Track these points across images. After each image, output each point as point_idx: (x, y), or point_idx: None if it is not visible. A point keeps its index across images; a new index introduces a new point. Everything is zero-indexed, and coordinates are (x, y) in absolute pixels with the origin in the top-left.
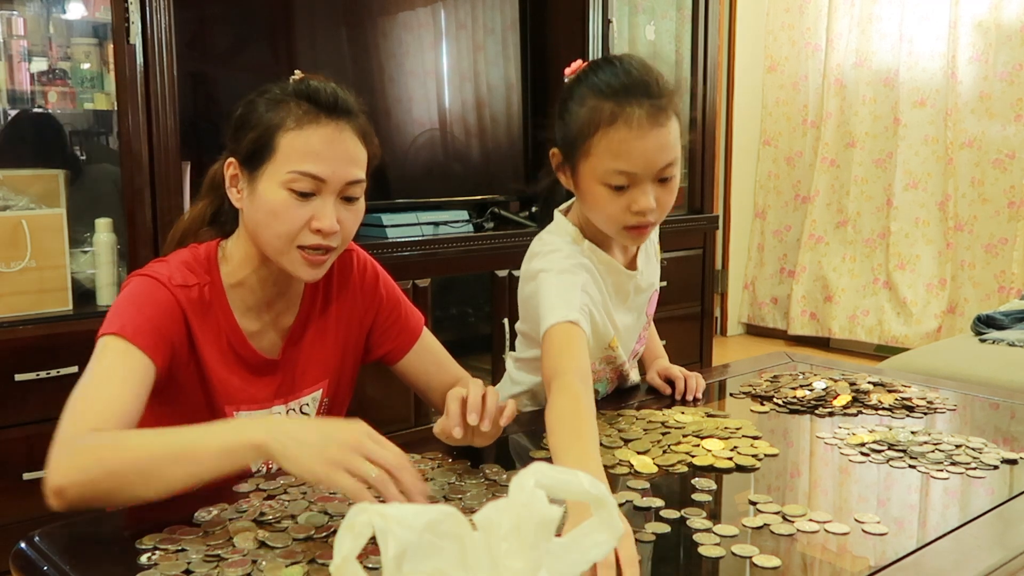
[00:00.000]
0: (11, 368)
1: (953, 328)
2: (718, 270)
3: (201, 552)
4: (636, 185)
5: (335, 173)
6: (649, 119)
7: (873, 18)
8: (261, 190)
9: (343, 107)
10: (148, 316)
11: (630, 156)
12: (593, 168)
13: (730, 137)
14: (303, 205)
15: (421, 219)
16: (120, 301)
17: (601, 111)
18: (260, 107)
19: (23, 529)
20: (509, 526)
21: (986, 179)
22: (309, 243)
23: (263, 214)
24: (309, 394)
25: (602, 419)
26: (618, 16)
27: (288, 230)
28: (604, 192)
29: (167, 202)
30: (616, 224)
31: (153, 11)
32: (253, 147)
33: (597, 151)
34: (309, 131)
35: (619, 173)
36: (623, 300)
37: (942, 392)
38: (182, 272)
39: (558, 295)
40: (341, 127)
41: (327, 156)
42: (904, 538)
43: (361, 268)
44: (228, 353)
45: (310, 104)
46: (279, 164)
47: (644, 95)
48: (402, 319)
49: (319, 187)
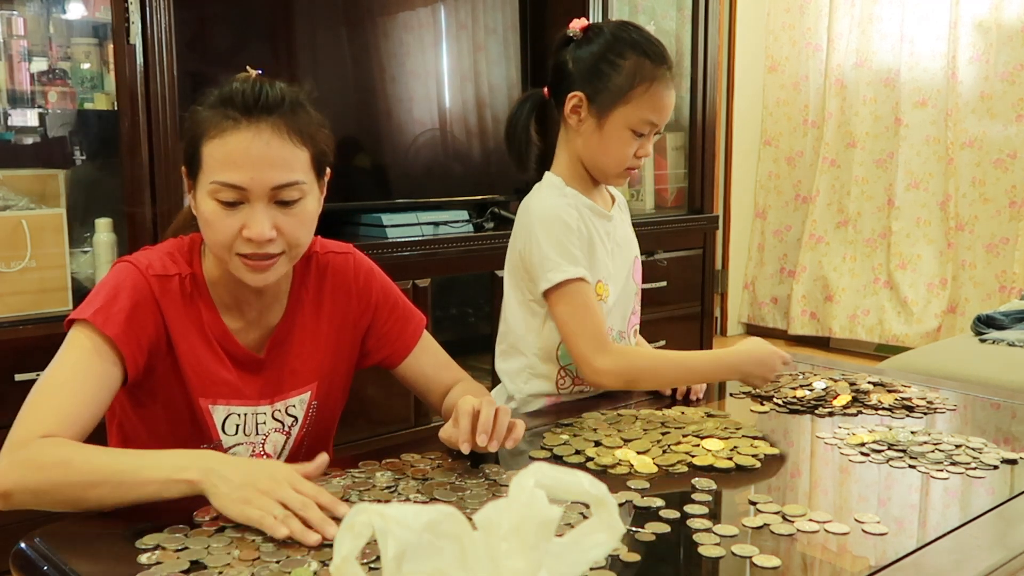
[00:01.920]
0: (11, 368)
1: (954, 328)
2: (718, 270)
3: (203, 552)
4: (648, 135)
5: (255, 180)
6: (672, 82)
7: (874, 18)
8: (198, 200)
9: (265, 106)
10: (122, 305)
11: (662, 110)
12: (628, 115)
13: (730, 137)
14: (233, 214)
15: (421, 219)
16: (100, 286)
17: (645, 68)
18: (196, 114)
19: (23, 529)
20: (509, 526)
21: (987, 179)
22: (244, 251)
23: (201, 223)
24: (296, 396)
25: (602, 419)
26: (618, 16)
27: (222, 239)
28: (629, 137)
29: (167, 202)
30: (620, 165)
31: (153, 11)
32: (187, 158)
33: (636, 101)
34: (227, 138)
35: (648, 123)
36: (604, 242)
37: (942, 392)
38: (163, 262)
39: (558, 251)
40: (261, 129)
41: (244, 163)
42: (904, 538)
43: (356, 272)
44: (214, 345)
45: (228, 108)
46: (205, 175)
47: (669, 61)
48: (400, 322)
49: (243, 195)
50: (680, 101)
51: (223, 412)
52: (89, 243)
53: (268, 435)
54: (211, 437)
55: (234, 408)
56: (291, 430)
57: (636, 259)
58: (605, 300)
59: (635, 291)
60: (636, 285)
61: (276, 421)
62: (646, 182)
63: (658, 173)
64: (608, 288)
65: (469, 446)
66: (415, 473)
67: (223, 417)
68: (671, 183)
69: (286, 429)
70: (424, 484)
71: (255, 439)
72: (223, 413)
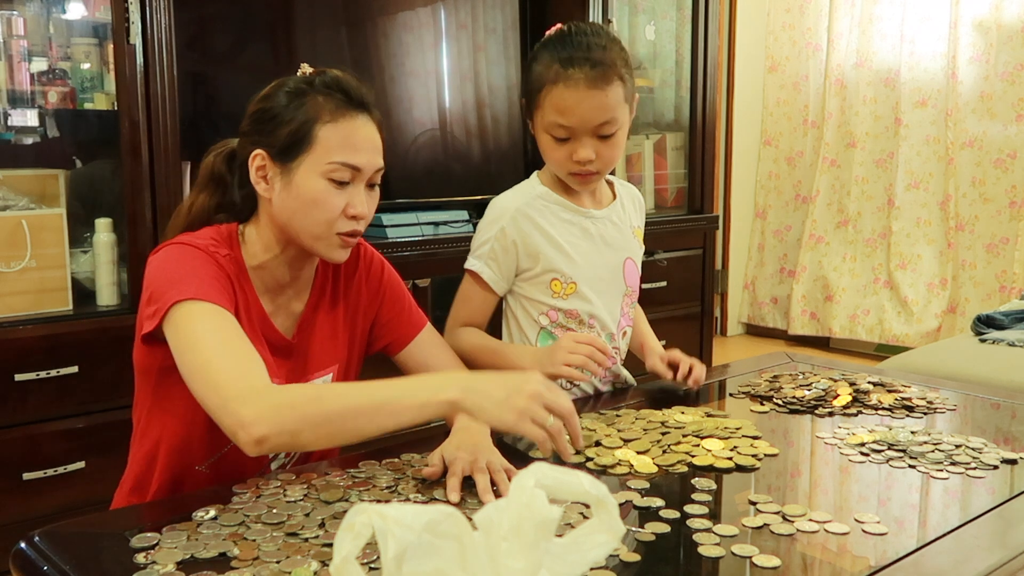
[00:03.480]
0: (11, 368)
1: (954, 328)
2: (718, 270)
3: (202, 552)
4: (576, 138)
5: (369, 162)
6: (588, 82)
7: (874, 18)
8: (299, 180)
9: (367, 101)
10: (210, 278)
11: (568, 113)
12: (541, 119)
13: (730, 137)
14: (340, 193)
15: (421, 219)
16: (171, 271)
17: (549, 70)
18: (286, 101)
19: (23, 529)
20: (509, 526)
21: (987, 179)
22: (345, 229)
23: (301, 203)
24: (320, 377)
25: (602, 419)
26: (618, 16)
27: (328, 217)
28: (549, 140)
29: (167, 202)
30: (562, 169)
31: (153, 11)
32: (290, 140)
33: (544, 105)
34: (343, 123)
35: (559, 126)
36: (585, 237)
37: (942, 392)
38: (216, 244)
39: (476, 242)
40: (366, 119)
41: (362, 147)
42: (904, 538)
43: (368, 260)
44: (256, 328)
45: (342, 97)
46: (318, 155)
47: (586, 61)
48: (406, 311)
49: (354, 176)
50: (680, 101)
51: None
52: (89, 243)
53: None
54: None
55: None
56: None
57: (629, 261)
58: (563, 296)
59: (625, 292)
60: (628, 287)
61: None
62: (646, 182)
63: (658, 173)
64: (575, 285)
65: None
66: (415, 473)
67: None
68: (671, 183)
69: None
70: (424, 484)
71: None
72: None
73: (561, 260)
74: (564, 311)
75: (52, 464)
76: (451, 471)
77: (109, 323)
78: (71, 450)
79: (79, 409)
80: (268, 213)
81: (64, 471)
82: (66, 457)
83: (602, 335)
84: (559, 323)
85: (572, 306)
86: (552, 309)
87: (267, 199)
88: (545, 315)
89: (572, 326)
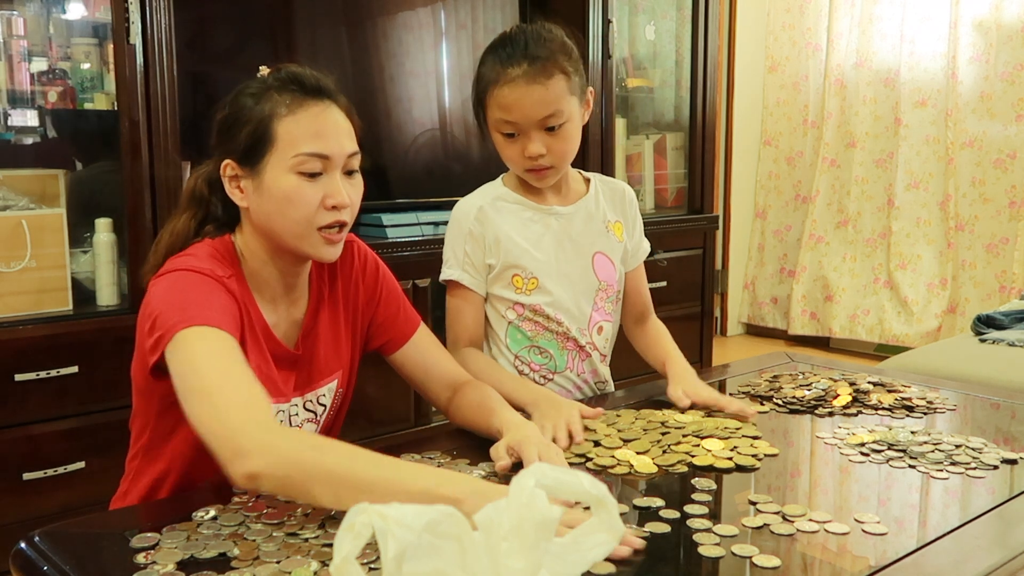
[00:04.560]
0: (11, 368)
1: (953, 328)
2: (718, 270)
3: (202, 552)
4: (524, 134)
5: (337, 148)
6: (526, 78)
7: (874, 18)
8: (269, 181)
9: (325, 88)
10: (217, 305)
11: (511, 109)
12: (489, 119)
13: (730, 137)
14: (313, 185)
15: (421, 219)
16: (175, 298)
17: (491, 70)
18: (246, 102)
19: (23, 529)
20: (509, 526)
21: (987, 179)
22: (326, 222)
23: (276, 203)
24: (325, 385)
25: (602, 419)
26: (618, 16)
27: (306, 213)
28: (500, 139)
29: (167, 202)
30: (518, 167)
31: (153, 11)
32: (250, 141)
33: (489, 105)
34: (302, 114)
35: (505, 123)
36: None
37: (942, 392)
38: (219, 265)
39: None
40: (328, 105)
41: (327, 134)
42: (904, 538)
43: (362, 259)
44: (262, 345)
45: (297, 88)
46: (282, 151)
47: (523, 58)
48: (402, 311)
49: (326, 165)
50: (680, 101)
51: (274, 411)
52: (89, 243)
53: (302, 426)
54: None
55: (280, 406)
56: (321, 418)
57: (600, 255)
58: (526, 292)
59: (598, 287)
60: (602, 282)
61: (308, 411)
62: (646, 182)
63: (658, 173)
64: (536, 280)
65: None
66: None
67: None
68: (671, 183)
69: (317, 418)
70: None
71: None
72: (274, 412)
73: (520, 256)
74: (528, 306)
75: (52, 464)
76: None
77: (109, 323)
78: (71, 450)
79: (79, 409)
80: (250, 223)
81: (64, 471)
82: (66, 457)
83: (571, 330)
84: (526, 317)
85: (535, 301)
86: (517, 304)
87: (245, 208)
88: (511, 309)
89: (539, 320)
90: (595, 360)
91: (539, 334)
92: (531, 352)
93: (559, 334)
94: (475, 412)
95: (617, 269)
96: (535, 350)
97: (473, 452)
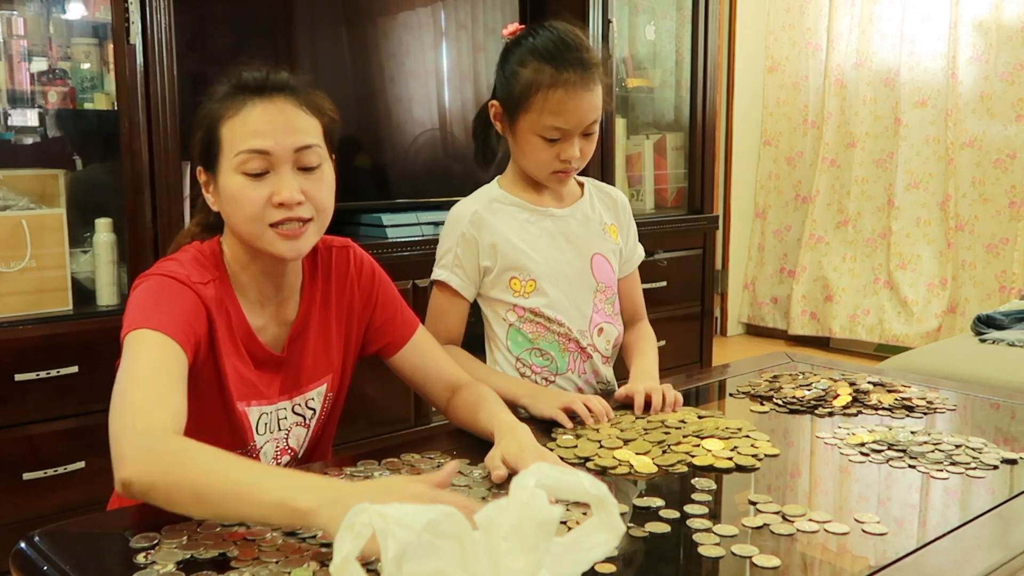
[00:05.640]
0: (11, 368)
1: (953, 328)
2: (718, 270)
3: (201, 552)
4: (566, 139)
5: (279, 143)
6: (582, 83)
7: (874, 18)
8: (222, 184)
9: (274, 85)
10: (177, 312)
11: (565, 115)
12: (532, 122)
13: (730, 137)
14: (259, 185)
15: (421, 219)
16: (142, 300)
17: (542, 74)
18: (202, 108)
19: (23, 529)
20: (509, 526)
21: (987, 179)
22: (276, 219)
23: (228, 204)
24: (314, 389)
25: None
26: (618, 16)
27: (251, 212)
28: (539, 142)
29: (167, 202)
30: (545, 169)
31: (153, 11)
32: (203, 146)
33: (537, 108)
34: (243, 113)
35: (554, 128)
36: (544, 235)
37: (942, 392)
38: (198, 270)
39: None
40: (274, 100)
41: (266, 130)
42: (904, 538)
43: (358, 264)
44: (241, 348)
45: (239, 90)
46: (228, 152)
47: (579, 63)
48: (399, 314)
49: (269, 162)
50: (680, 101)
51: (256, 413)
52: (89, 243)
53: (290, 429)
54: (246, 440)
55: (264, 408)
56: (310, 422)
57: (598, 256)
58: (524, 295)
59: (597, 288)
60: (600, 283)
61: (296, 415)
62: (646, 182)
63: (658, 173)
64: (534, 282)
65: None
66: (414, 473)
67: (256, 418)
68: (671, 183)
69: (307, 422)
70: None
71: (279, 435)
72: (256, 414)
73: (518, 258)
74: (528, 309)
75: (52, 464)
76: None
77: (109, 323)
78: (71, 450)
79: (79, 409)
80: (226, 226)
81: (64, 471)
82: (66, 457)
83: (572, 331)
84: (526, 319)
85: (534, 304)
86: (516, 306)
87: (218, 212)
88: (511, 311)
89: (540, 322)
90: (596, 361)
91: (540, 336)
92: (532, 354)
93: (560, 335)
94: (470, 413)
95: (615, 271)
96: (536, 352)
97: (473, 452)
